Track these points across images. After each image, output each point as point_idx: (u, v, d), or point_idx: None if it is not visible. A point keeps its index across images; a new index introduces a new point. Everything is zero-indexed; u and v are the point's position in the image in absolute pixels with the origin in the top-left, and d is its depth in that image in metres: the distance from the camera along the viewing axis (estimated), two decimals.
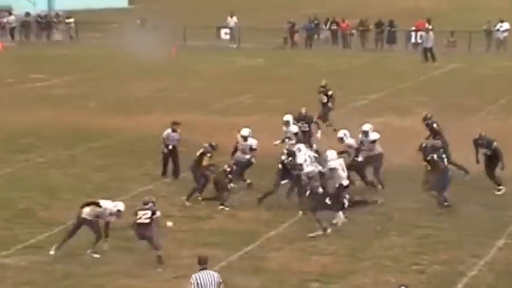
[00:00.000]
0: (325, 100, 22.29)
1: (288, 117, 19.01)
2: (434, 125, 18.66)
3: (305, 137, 18.73)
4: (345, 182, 15.45)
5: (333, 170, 15.41)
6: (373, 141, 17.56)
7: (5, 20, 41.85)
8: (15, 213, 16.01)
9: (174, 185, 17.72)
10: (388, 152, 20.33)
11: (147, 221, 13.56)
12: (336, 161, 15.57)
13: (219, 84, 30.06)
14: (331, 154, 15.78)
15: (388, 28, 39.65)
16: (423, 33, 37.39)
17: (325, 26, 41.42)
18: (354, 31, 40.31)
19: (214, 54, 37.24)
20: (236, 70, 33.66)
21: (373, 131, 17.80)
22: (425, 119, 18.91)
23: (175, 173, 18.04)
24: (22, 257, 13.79)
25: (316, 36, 41.40)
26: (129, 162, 19.54)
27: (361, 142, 17.53)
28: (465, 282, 12.96)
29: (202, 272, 10.67)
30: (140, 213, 13.61)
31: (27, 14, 42.79)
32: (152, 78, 31.08)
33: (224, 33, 41.40)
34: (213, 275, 10.71)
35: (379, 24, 39.89)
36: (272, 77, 31.62)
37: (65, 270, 13.28)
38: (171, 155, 17.97)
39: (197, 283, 10.51)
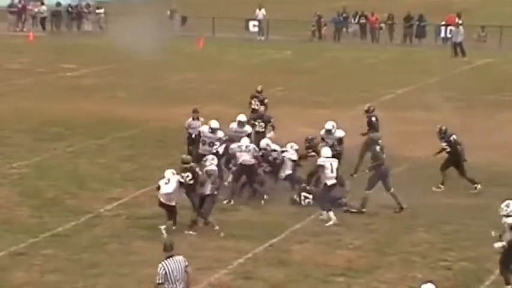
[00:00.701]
0: (257, 107, 19.88)
1: (243, 117, 18.15)
2: (373, 119, 18.58)
3: (258, 138, 17.96)
4: (329, 182, 15.34)
5: (320, 167, 15.36)
6: (340, 139, 17.39)
7: (36, 9, 42.20)
8: (44, 201, 16.19)
9: None
10: (416, 148, 20.24)
11: (191, 182, 14.15)
12: (326, 160, 15.43)
13: (247, 76, 30.07)
14: (325, 151, 15.65)
15: (417, 22, 39.39)
16: (453, 27, 37.10)
17: (354, 19, 41.24)
18: (382, 25, 40.09)
19: (243, 47, 37.28)
20: (264, 62, 33.66)
21: (338, 128, 17.56)
22: (367, 111, 18.68)
23: (198, 161, 18.02)
24: (49, 245, 13.95)
25: (344, 29, 41.26)
26: (156, 153, 19.66)
27: (322, 139, 17.36)
28: (492, 279, 12.87)
29: (169, 259, 10.57)
30: (184, 175, 14.33)
31: (58, 4, 43.10)
32: (181, 69, 31.19)
33: (252, 26, 41.42)
34: (179, 261, 10.61)
35: (408, 19, 39.64)
36: (300, 69, 31.59)
37: (91, 259, 13.42)
38: (194, 143, 18.02)
39: (165, 272, 10.43)
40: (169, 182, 14.43)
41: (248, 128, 17.85)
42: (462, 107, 25.60)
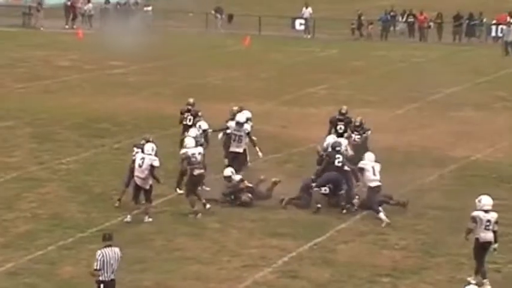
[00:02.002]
0: (191, 122, 17.89)
1: (247, 114, 17.71)
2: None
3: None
4: (372, 184, 15.32)
5: (361, 169, 15.42)
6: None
7: (85, 7, 42.71)
8: (91, 197, 16.36)
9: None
10: (465, 148, 19.98)
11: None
12: (368, 163, 15.43)
13: (293, 74, 30.01)
14: (369, 156, 15.66)
15: (467, 21, 38.87)
16: (504, 26, 36.51)
17: (402, 18, 40.86)
18: (431, 24, 39.64)
19: (289, 45, 37.20)
20: (310, 61, 33.54)
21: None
22: (343, 113, 17.96)
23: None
24: (96, 240, 14.08)
25: (392, 28, 40.90)
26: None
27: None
28: None
29: (107, 248, 10.95)
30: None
31: (107, 2, 43.55)
32: (226, 67, 31.25)
33: (299, 24, 41.30)
34: (116, 251, 10.98)
35: (457, 17, 39.12)
36: (346, 68, 31.40)
37: (137, 255, 13.51)
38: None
39: (103, 260, 10.86)
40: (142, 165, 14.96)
41: (248, 127, 17.26)
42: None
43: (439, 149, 20.26)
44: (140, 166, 14.89)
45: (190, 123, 17.83)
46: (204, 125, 17.46)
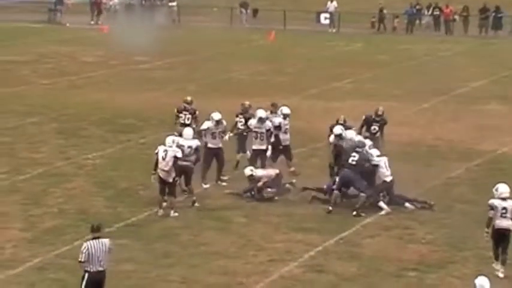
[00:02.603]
0: (189, 121, 17.37)
1: (286, 111, 17.51)
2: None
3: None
4: (388, 179, 15.39)
5: (375, 166, 15.40)
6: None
7: (110, 3, 42.90)
8: (117, 192, 16.45)
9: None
10: (491, 141, 19.81)
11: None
12: (379, 159, 15.45)
13: (318, 68, 29.94)
14: (374, 151, 15.65)
15: (493, 14, 38.49)
16: None
17: (428, 11, 40.57)
18: (456, 17, 39.31)
19: (314, 39, 37.11)
20: (335, 55, 33.44)
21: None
22: (380, 115, 17.37)
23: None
24: (123, 235, 14.18)
25: (417, 21, 40.63)
26: (228, 145, 19.71)
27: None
28: None
29: (94, 240, 10.87)
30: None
31: None
32: (252, 61, 31.25)
33: (324, 18, 41.19)
34: (104, 243, 10.86)
35: (483, 10, 38.76)
36: (371, 62, 31.27)
37: (164, 249, 13.57)
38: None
39: (88, 253, 10.77)
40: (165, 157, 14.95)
41: (268, 124, 16.90)
42: None
43: (465, 142, 20.11)
44: (163, 159, 14.93)
45: (188, 122, 17.34)
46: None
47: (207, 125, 16.77)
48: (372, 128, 17.01)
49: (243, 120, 17.61)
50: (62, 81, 27.78)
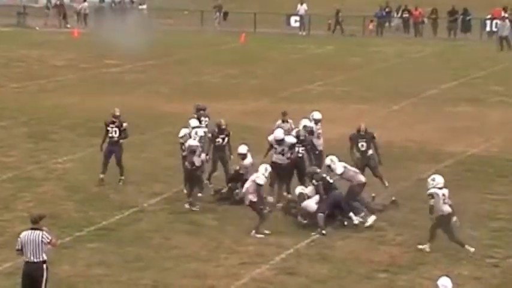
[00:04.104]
0: (116, 134, 17.01)
1: (317, 116, 17.09)
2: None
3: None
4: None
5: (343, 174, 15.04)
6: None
7: (80, 6, 42.66)
8: (88, 196, 16.36)
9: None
10: (461, 143, 19.99)
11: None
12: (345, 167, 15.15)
13: (289, 71, 30.03)
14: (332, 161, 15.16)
15: (462, 16, 38.89)
16: (499, 21, 36.56)
17: (397, 13, 40.87)
18: (425, 19, 39.66)
19: (284, 42, 37.20)
20: (306, 57, 33.55)
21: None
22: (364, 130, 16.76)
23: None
24: (94, 239, 14.11)
25: (387, 24, 40.92)
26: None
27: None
28: None
29: (29, 231, 11.15)
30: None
31: (102, 1, 43.51)
32: (223, 64, 31.25)
33: (294, 21, 41.30)
34: (38, 234, 11.10)
35: (452, 12, 39.15)
36: (342, 64, 31.42)
37: (135, 253, 13.53)
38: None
39: (21, 241, 11.17)
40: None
41: (291, 139, 16.01)
42: (509, 102, 25.24)
43: (435, 144, 20.30)
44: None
45: (116, 135, 16.95)
46: (200, 131, 16.67)
47: (184, 132, 16.67)
48: (360, 145, 16.44)
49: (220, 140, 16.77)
50: (32, 85, 27.58)
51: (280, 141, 15.88)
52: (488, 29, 38.55)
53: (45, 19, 41.75)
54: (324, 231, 14.43)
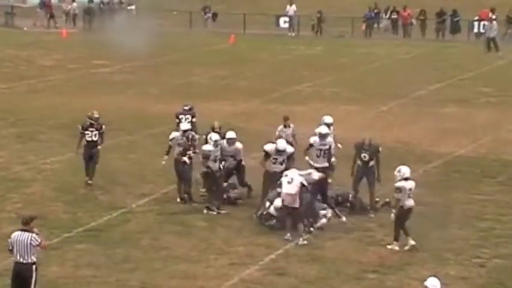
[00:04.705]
0: (96, 137, 16.66)
1: (329, 120, 17.10)
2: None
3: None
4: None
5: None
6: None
7: (69, 6, 42.54)
8: (77, 197, 16.33)
9: None
10: (449, 144, 20.07)
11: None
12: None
13: (278, 72, 30.06)
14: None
15: (450, 17, 39.03)
16: (487, 22, 36.72)
17: (386, 15, 40.99)
18: (413, 20, 39.79)
19: (274, 43, 37.23)
20: (295, 58, 33.59)
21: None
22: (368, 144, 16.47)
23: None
24: (83, 240, 14.08)
25: (376, 25, 41.02)
26: None
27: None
28: None
29: (18, 232, 11.19)
30: None
31: (90, 1, 43.40)
32: (212, 65, 31.24)
33: (283, 22, 41.34)
34: (27, 236, 11.12)
35: (440, 14, 39.30)
36: (331, 65, 31.48)
37: (124, 254, 13.51)
38: None
39: (11, 241, 11.25)
40: (292, 181, 14.28)
41: (290, 148, 15.93)
42: (496, 103, 25.36)
43: (423, 145, 20.38)
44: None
45: (95, 139, 16.74)
46: (214, 136, 16.10)
47: (173, 135, 16.61)
48: (362, 155, 16.34)
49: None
50: (21, 86, 27.48)
51: (281, 152, 15.75)
52: (475, 30, 38.71)
53: (35, 19, 41.65)
54: (304, 241, 14.19)
